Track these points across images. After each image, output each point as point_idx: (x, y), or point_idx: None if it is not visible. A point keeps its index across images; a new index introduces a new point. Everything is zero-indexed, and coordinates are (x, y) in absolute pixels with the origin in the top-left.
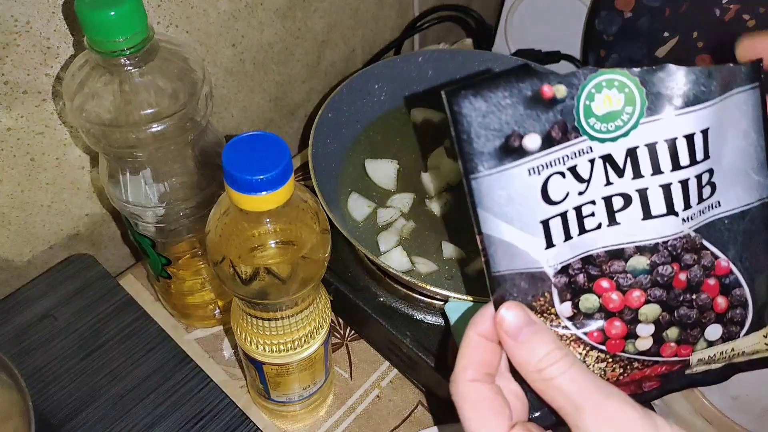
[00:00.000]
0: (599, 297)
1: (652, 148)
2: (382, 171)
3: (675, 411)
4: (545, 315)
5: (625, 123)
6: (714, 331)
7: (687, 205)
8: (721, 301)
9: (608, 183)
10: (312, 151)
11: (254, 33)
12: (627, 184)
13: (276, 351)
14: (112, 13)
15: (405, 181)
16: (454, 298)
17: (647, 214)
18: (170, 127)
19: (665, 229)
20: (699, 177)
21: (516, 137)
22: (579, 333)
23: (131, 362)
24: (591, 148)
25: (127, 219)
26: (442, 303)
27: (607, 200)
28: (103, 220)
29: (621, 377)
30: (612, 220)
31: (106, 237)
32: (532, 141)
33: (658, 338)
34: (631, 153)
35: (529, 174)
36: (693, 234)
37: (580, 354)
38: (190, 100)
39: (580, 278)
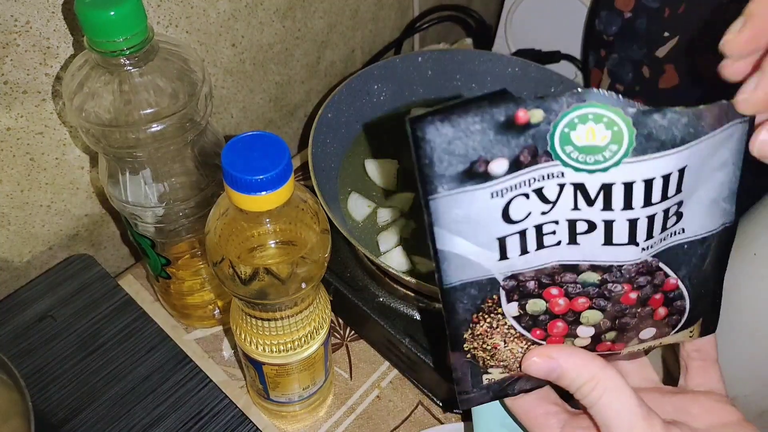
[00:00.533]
0: (546, 302)
1: (628, 187)
2: (382, 171)
3: None
4: (492, 315)
5: (606, 159)
6: (648, 333)
7: (649, 236)
8: (662, 311)
9: (575, 208)
10: (312, 151)
11: (254, 33)
12: (595, 213)
13: (276, 351)
14: (112, 13)
15: (405, 181)
16: None
17: (608, 241)
18: (170, 128)
19: (623, 255)
20: (666, 210)
21: (482, 163)
22: (523, 332)
23: (131, 362)
24: (563, 173)
25: (126, 219)
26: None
27: (571, 223)
28: (103, 220)
29: None
30: (572, 240)
31: (105, 237)
32: (498, 166)
33: (596, 339)
34: (606, 188)
35: (492, 197)
36: (650, 259)
37: (522, 348)
38: (189, 101)
39: (531, 285)
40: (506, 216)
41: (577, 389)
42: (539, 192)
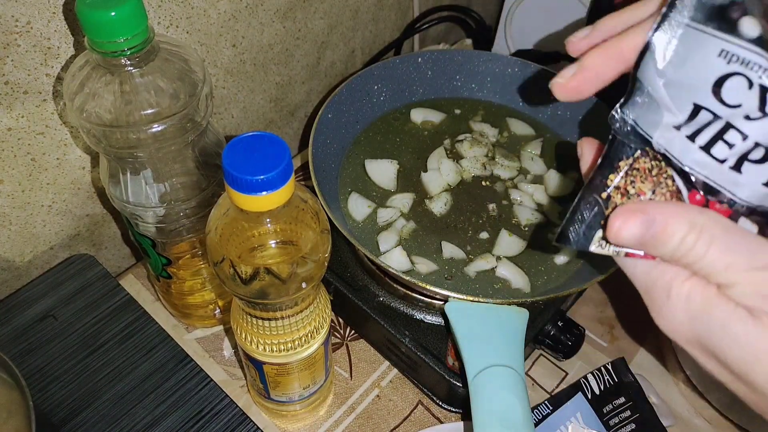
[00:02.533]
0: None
1: None
2: (382, 171)
3: (675, 411)
4: (657, 161)
5: None
6: None
7: None
8: None
9: None
10: (312, 152)
11: (254, 34)
12: None
13: (276, 351)
14: (113, 13)
15: (405, 181)
16: (454, 298)
17: None
18: (170, 128)
19: None
20: None
21: (739, 9)
22: (682, 187)
23: (131, 362)
24: None
25: (127, 219)
26: (441, 303)
27: (756, 146)
28: (104, 220)
29: None
30: (737, 166)
31: (106, 237)
32: (750, 26)
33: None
34: None
35: (719, 55)
36: None
37: (663, 195)
38: (190, 101)
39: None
40: (717, 88)
41: (675, 248)
42: (763, 92)
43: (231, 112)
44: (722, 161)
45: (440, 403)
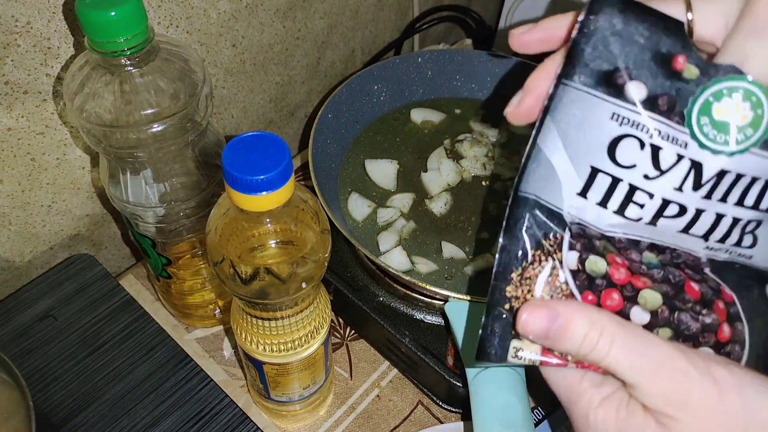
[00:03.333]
0: (608, 265)
1: (737, 179)
2: (382, 171)
3: None
4: (549, 258)
5: (737, 143)
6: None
7: (722, 240)
8: (726, 330)
9: (678, 189)
10: (312, 152)
11: (254, 34)
12: (693, 199)
13: (276, 351)
14: (113, 13)
15: (405, 181)
16: (454, 298)
17: (686, 230)
18: (170, 128)
19: (685, 243)
20: (748, 222)
21: (624, 75)
22: (574, 290)
23: (131, 362)
24: (686, 144)
25: (127, 219)
26: (441, 303)
27: (665, 203)
28: (104, 220)
29: None
30: (653, 221)
31: (106, 237)
32: (636, 89)
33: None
34: (720, 175)
35: (611, 118)
36: (704, 260)
37: None
38: (190, 101)
39: (597, 244)
40: (612, 150)
41: (580, 344)
42: (655, 151)
43: (231, 112)
44: (637, 220)
45: (440, 403)
